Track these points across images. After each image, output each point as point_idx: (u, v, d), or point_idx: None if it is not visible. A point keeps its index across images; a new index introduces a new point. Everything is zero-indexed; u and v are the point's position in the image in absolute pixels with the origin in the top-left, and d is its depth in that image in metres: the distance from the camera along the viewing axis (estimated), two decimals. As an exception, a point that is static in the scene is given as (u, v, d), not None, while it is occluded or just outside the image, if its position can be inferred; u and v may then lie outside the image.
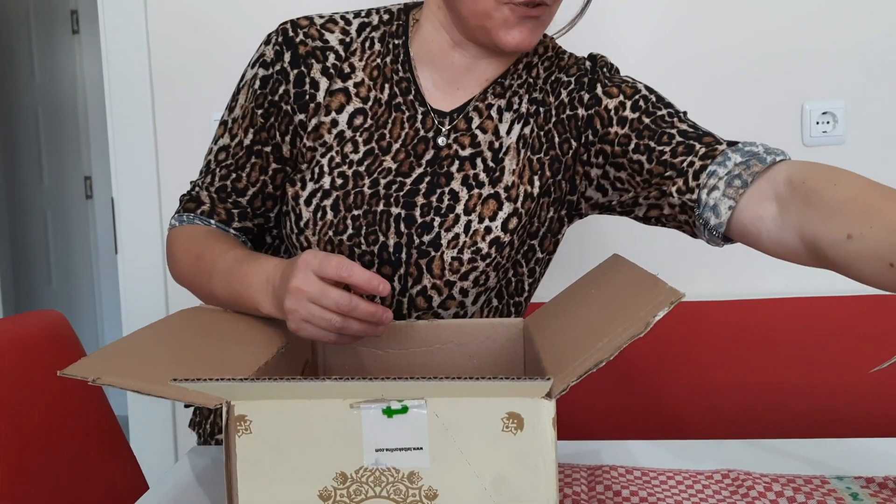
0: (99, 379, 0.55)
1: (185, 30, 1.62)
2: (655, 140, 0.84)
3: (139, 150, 1.64)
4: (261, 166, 0.90)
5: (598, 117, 0.89)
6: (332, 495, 0.53)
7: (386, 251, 0.86)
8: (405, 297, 0.87)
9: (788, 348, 1.39)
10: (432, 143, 0.88)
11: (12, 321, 0.95)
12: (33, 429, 0.88)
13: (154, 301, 1.66)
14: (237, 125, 0.90)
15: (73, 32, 3.40)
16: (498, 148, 0.89)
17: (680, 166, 0.81)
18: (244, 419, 0.53)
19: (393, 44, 0.90)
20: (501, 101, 0.90)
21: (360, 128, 0.87)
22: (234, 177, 0.91)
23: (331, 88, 0.88)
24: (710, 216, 0.78)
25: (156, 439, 1.70)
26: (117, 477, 0.99)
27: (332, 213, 0.86)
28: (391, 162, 0.87)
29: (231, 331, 0.78)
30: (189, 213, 0.92)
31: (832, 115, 1.52)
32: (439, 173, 0.87)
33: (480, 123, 0.89)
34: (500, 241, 0.86)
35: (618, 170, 0.88)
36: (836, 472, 0.77)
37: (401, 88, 0.89)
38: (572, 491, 0.74)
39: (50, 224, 3.55)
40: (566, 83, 0.92)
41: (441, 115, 0.89)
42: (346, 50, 0.89)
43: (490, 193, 0.87)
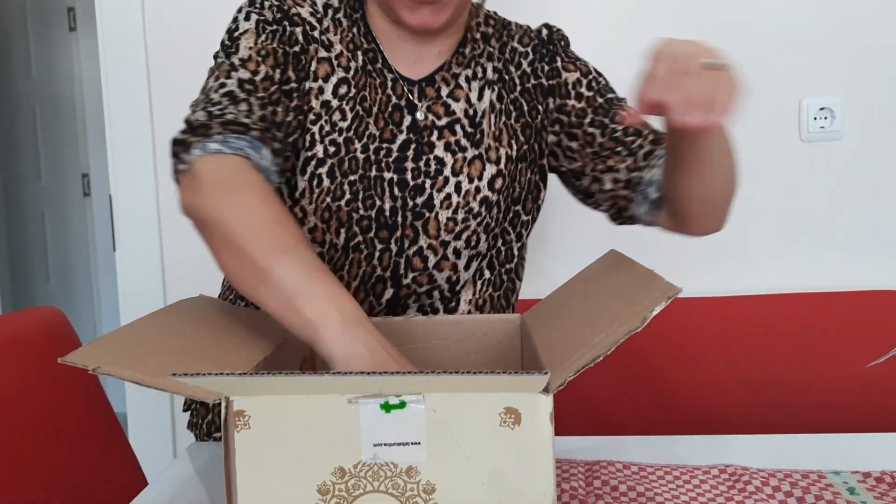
0: (99, 368, 0.55)
1: (182, 27, 1.62)
2: (609, 118, 0.93)
3: (137, 147, 1.64)
4: (288, 107, 0.85)
5: (558, 88, 0.96)
6: (331, 490, 0.54)
7: (383, 215, 0.88)
8: (402, 258, 0.90)
9: (785, 344, 1.40)
10: (406, 111, 0.91)
11: (11, 318, 0.95)
12: (32, 425, 0.88)
13: (152, 298, 1.66)
14: (255, 63, 0.83)
15: (71, 30, 3.39)
16: (473, 114, 0.93)
17: (630, 146, 0.91)
18: (243, 414, 0.54)
19: (354, 18, 0.93)
20: (467, 70, 0.94)
21: (345, 97, 0.89)
22: (271, 110, 0.82)
23: (317, 55, 0.89)
24: (650, 191, 0.90)
25: (155, 436, 1.70)
26: (116, 473, 0.99)
27: (329, 180, 0.87)
28: (374, 127, 0.89)
29: (230, 324, 0.78)
30: (235, 136, 0.76)
31: (830, 110, 1.52)
32: (422, 142, 0.90)
33: (451, 92, 0.93)
34: (488, 200, 0.91)
35: (570, 139, 0.95)
36: (833, 467, 0.77)
37: (369, 57, 0.92)
38: (570, 486, 0.74)
39: (48, 222, 3.54)
40: (524, 53, 0.97)
41: (410, 83, 0.92)
42: (320, 24, 0.91)
43: (474, 155, 0.91)
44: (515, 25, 1.00)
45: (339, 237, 0.89)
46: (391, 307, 0.92)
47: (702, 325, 1.42)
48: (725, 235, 1.56)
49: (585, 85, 0.96)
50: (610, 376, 1.40)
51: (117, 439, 1.01)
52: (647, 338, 1.38)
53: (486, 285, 0.96)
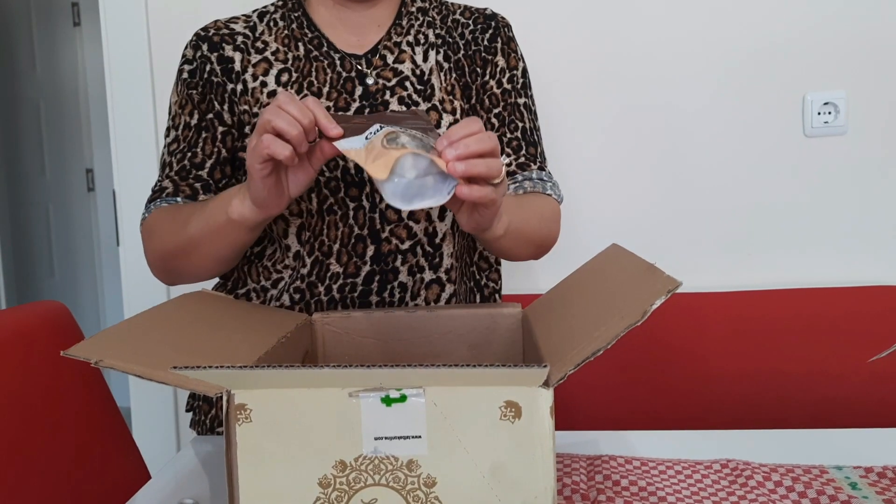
0: (101, 361, 0.55)
1: (185, 22, 1.62)
2: (506, 123, 1.01)
3: (141, 142, 1.64)
4: (211, 137, 0.96)
5: (489, 65, 1.01)
6: (332, 483, 0.54)
7: (348, 174, 0.92)
8: (376, 213, 0.93)
9: (787, 339, 1.39)
10: (358, 80, 0.95)
11: (15, 312, 0.95)
12: (36, 418, 0.89)
13: (155, 292, 1.66)
14: (178, 117, 0.97)
15: (75, 25, 3.40)
16: (420, 73, 0.97)
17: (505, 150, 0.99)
18: (244, 408, 0.54)
19: (294, 16, 0.99)
20: (408, 37, 0.99)
21: (288, 82, 0.95)
22: (190, 154, 0.96)
23: (251, 62, 0.96)
24: None
25: (158, 430, 1.71)
26: (120, 466, 0.99)
27: None
28: (326, 101, 0.94)
29: (232, 318, 0.78)
30: (155, 201, 0.96)
31: (834, 105, 1.51)
32: (376, 103, 0.94)
33: (397, 57, 0.98)
34: None
35: (473, 113, 1.00)
36: (835, 462, 0.77)
37: (314, 45, 0.97)
38: (571, 480, 0.74)
39: (52, 216, 3.55)
40: (465, 24, 1.02)
41: (356, 58, 0.97)
42: (254, 32, 0.98)
43: (429, 107, 0.95)
44: (454, 4, 1.05)
45: (312, 203, 0.92)
46: (376, 264, 0.93)
47: (704, 320, 1.42)
48: (729, 230, 1.57)
49: (508, 78, 1.01)
50: (612, 371, 1.40)
51: (120, 433, 1.02)
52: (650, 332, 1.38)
53: (462, 237, 1.00)
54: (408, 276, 0.94)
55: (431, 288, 0.95)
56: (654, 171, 1.57)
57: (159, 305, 0.72)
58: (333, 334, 0.83)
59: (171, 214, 0.93)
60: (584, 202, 1.58)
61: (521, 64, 1.03)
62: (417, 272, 0.95)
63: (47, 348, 0.93)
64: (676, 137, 1.57)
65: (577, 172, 1.58)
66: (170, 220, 0.92)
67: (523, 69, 1.04)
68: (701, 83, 1.55)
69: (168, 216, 0.93)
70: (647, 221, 1.58)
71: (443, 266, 0.96)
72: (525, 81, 1.04)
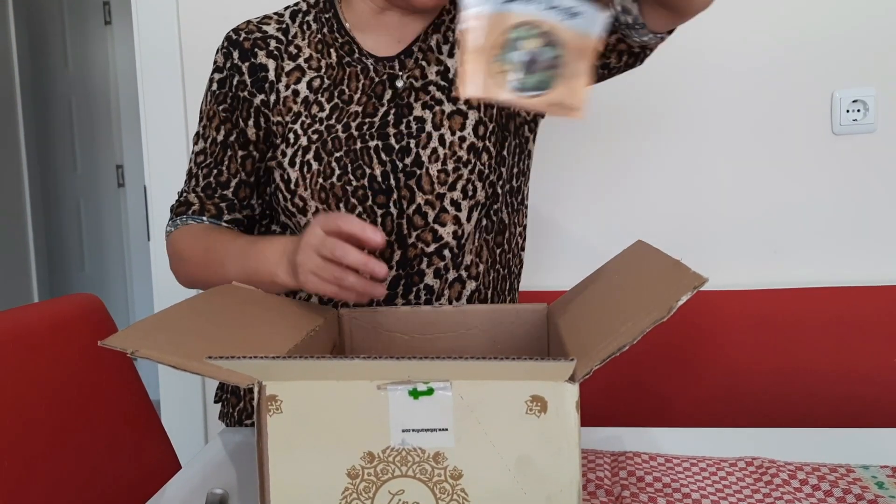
0: (137, 352, 0.56)
1: (215, 19, 1.64)
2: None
3: (171, 139, 1.67)
4: (236, 156, 0.98)
5: None
6: (360, 474, 0.55)
7: (375, 181, 0.91)
8: (403, 218, 0.92)
9: (815, 338, 1.38)
10: (389, 84, 0.95)
11: (51, 304, 0.98)
12: (72, 408, 0.91)
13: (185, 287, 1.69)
14: (207, 129, 0.98)
15: (106, 23, 3.45)
16: (445, 70, 0.96)
17: None
18: (275, 399, 0.55)
19: (325, 18, 0.98)
20: (437, 35, 0.98)
21: (319, 89, 0.95)
22: (216, 172, 0.98)
23: (284, 70, 0.95)
24: (626, 18, 0.86)
25: (186, 422, 1.73)
26: (151, 456, 1.01)
27: (317, 162, 0.91)
28: (356, 107, 0.94)
29: (265, 311, 0.79)
30: (181, 216, 0.99)
31: (863, 102, 1.49)
32: (401, 105, 0.94)
33: (424, 57, 0.97)
34: (475, 147, 0.93)
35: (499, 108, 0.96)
36: (862, 461, 0.77)
37: (345, 51, 0.96)
38: (596, 476, 0.75)
39: (83, 211, 3.61)
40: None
41: (389, 60, 0.96)
42: (286, 35, 0.97)
43: (452, 110, 0.94)
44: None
45: (341, 211, 0.92)
46: (402, 269, 0.93)
47: (731, 317, 1.42)
48: (757, 228, 1.56)
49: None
50: (636, 368, 1.40)
51: (152, 423, 1.04)
52: (676, 330, 1.38)
53: (483, 231, 0.98)
54: (434, 279, 0.94)
55: (454, 286, 0.96)
56: (682, 168, 1.57)
57: (190, 298, 0.73)
58: (361, 329, 0.84)
59: (202, 244, 0.94)
60: (611, 198, 1.58)
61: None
62: (443, 272, 0.95)
63: (82, 340, 0.96)
64: (704, 134, 1.56)
65: (604, 169, 1.58)
66: (202, 251, 0.94)
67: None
68: (730, 80, 1.53)
69: (198, 245, 0.95)
70: (674, 218, 1.58)
71: (464, 263, 0.96)
72: None
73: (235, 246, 0.91)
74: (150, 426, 1.03)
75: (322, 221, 0.78)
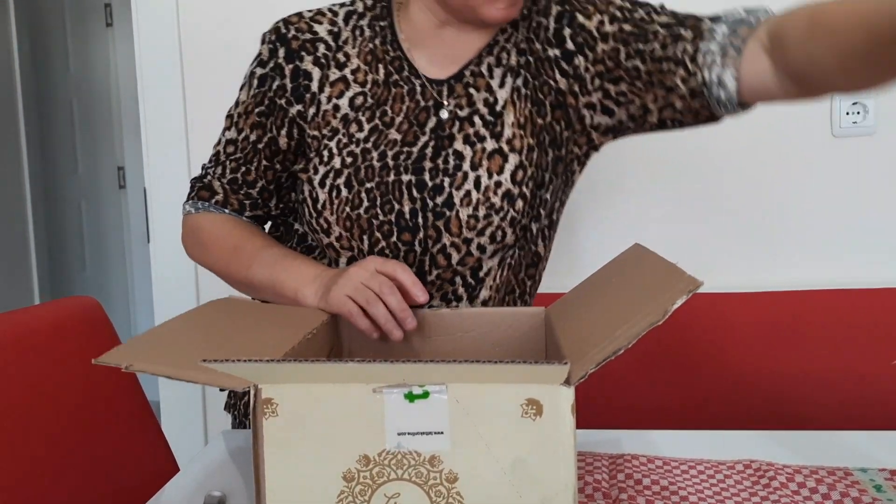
0: (131, 366, 0.57)
1: (215, 22, 1.64)
2: (643, 41, 0.85)
3: (171, 140, 1.67)
4: (264, 159, 0.96)
5: (584, 44, 0.90)
6: (356, 477, 0.55)
7: (403, 218, 0.89)
8: (426, 256, 0.90)
9: (813, 340, 1.38)
10: (433, 111, 0.91)
11: (49, 307, 0.98)
12: (69, 410, 0.91)
13: (185, 288, 1.69)
14: (242, 120, 0.95)
15: (107, 25, 3.45)
16: (493, 102, 0.91)
17: (676, 57, 0.83)
18: (271, 402, 0.55)
19: (379, 26, 0.94)
20: (490, 58, 0.93)
21: (361, 107, 0.91)
22: (244, 170, 0.96)
23: (329, 79, 0.91)
24: (719, 92, 0.80)
25: (186, 424, 1.73)
26: (149, 459, 1.01)
27: (346, 189, 0.89)
28: (396, 134, 0.90)
29: (259, 319, 0.80)
30: (204, 202, 0.98)
31: (862, 105, 1.49)
32: (442, 136, 0.90)
33: (474, 83, 0.92)
34: (510, 193, 0.89)
35: (616, 84, 0.89)
36: (860, 464, 0.77)
37: (395, 67, 0.92)
38: (593, 479, 0.75)
39: (84, 212, 3.62)
40: (546, 27, 0.92)
41: (438, 84, 0.92)
42: (336, 40, 0.93)
43: (494, 149, 0.89)
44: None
45: (364, 243, 0.90)
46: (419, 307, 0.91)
47: (729, 320, 1.42)
48: (756, 230, 1.55)
49: (608, 20, 0.89)
50: (635, 370, 1.40)
51: (150, 426, 1.04)
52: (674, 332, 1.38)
53: (508, 269, 0.96)
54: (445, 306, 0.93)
55: None
56: (681, 171, 1.56)
57: (186, 312, 0.74)
58: (358, 332, 0.84)
59: (231, 241, 0.95)
60: (608, 201, 1.58)
61: (613, 2, 0.90)
62: (454, 300, 0.93)
63: (80, 342, 0.96)
64: (703, 136, 1.55)
65: (602, 171, 1.57)
66: (229, 249, 0.94)
67: (618, 5, 0.90)
68: (728, 82, 1.53)
69: (226, 240, 0.95)
70: (673, 221, 1.58)
71: (480, 297, 0.94)
72: (626, 5, 0.89)
73: (268, 254, 0.91)
74: (149, 428, 1.04)
75: (380, 264, 0.82)
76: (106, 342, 1.00)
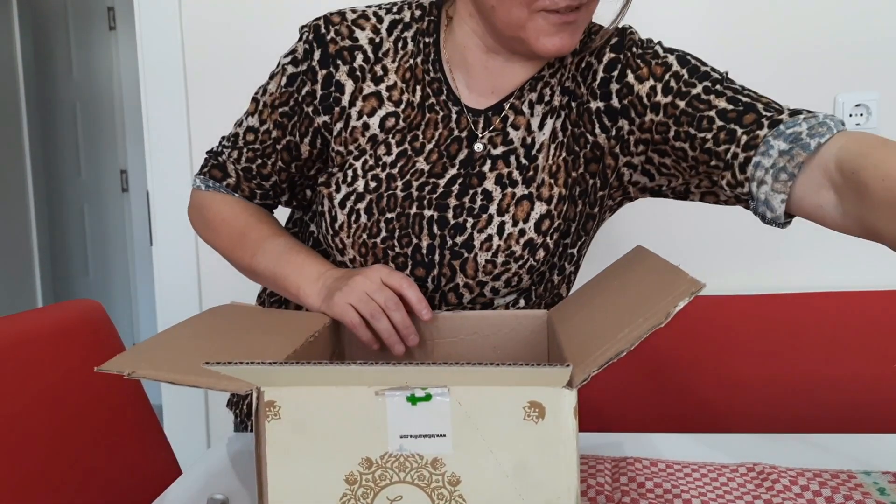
0: (134, 373, 0.57)
1: (218, 26, 1.64)
2: (695, 126, 0.79)
3: (174, 144, 1.67)
4: (280, 160, 0.94)
5: (632, 107, 0.85)
6: (358, 480, 0.55)
7: (419, 253, 0.86)
8: (437, 292, 0.88)
9: (816, 343, 1.38)
10: (466, 143, 0.87)
11: (52, 310, 0.98)
12: (72, 414, 0.91)
13: (188, 291, 1.69)
14: (266, 111, 0.92)
15: (110, 29, 3.46)
16: (531, 144, 0.87)
17: (725, 157, 0.77)
18: (273, 405, 0.55)
19: (424, 42, 0.89)
20: (533, 94, 0.88)
21: (392, 129, 0.87)
22: (260, 163, 0.95)
23: (362, 92, 0.87)
24: (764, 210, 0.75)
25: (188, 427, 1.73)
26: (152, 462, 1.01)
27: (366, 216, 0.86)
28: (424, 163, 0.87)
29: (262, 323, 0.80)
30: (215, 181, 0.97)
31: (866, 107, 1.49)
32: (472, 174, 0.86)
33: (514, 120, 0.87)
34: (533, 242, 0.85)
35: (661, 156, 0.86)
36: (864, 467, 0.77)
37: (433, 89, 0.88)
38: (596, 482, 0.75)
39: (87, 215, 3.63)
40: (595, 72, 0.87)
41: (476, 114, 0.88)
42: (377, 51, 0.88)
43: (524, 194, 0.85)
44: (598, 34, 0.88)
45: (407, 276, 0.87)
46: None
47: (731, 323, 1.41)
48: (757, 233, 1.55)
49: (661, 90, 0.83)
50: (637, 373, 1.40)
51: (153, 429, 1.04)
52: (677, 336, 1.38)
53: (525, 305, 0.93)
54: None
55: None
56: (683, 174, 1.56)
57: (188, 319, 0.74)
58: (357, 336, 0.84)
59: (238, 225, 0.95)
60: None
61: (668, 59, 0.84)
62: None
63: (83, 346, 0.96)
64: (705, 139, 1.56)
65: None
66: (237, 233, 0.94)
67: (678, 60, 0.84)
68: (730, 85, 1.53)
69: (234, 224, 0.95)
70: (674, 223, 1.58)
71: None
72: (684, 75, 0.83)
73: (274, 244, 0.91)
74: (151, 431, 1.04)
75: (386, 275, 0.82)
76: (109, 345, 1.00)
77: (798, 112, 0.75)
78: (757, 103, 0.77)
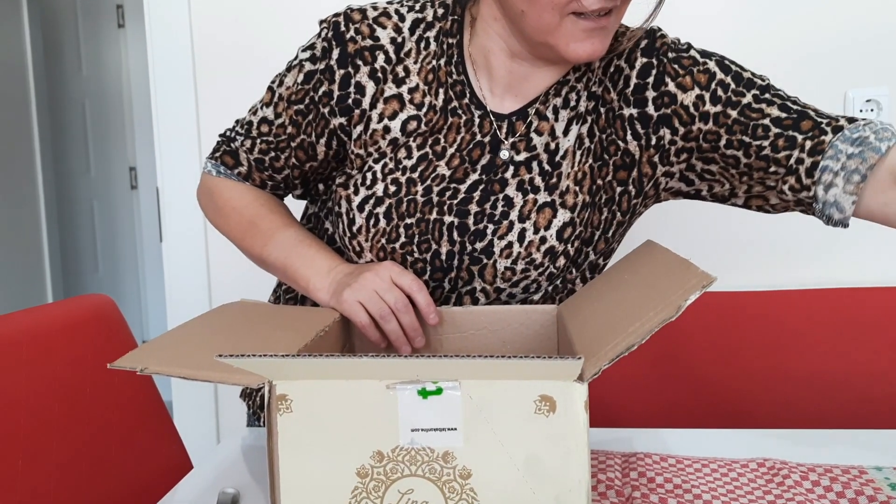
0: (146, 369, 0.57)
1: (227, 23, 1.65)
2: (749, 134, 0.79)
3: (183, 141, 1.68)
4: (294, 157, 0.93)
5: (675, 116, 0.83)
6: (370, 473, 0.55)
7: (438, 258, 0.85)
8: (454, 294, 0.88)
9: (826, 339, 1.37)
10: (489, 148, 0.85)
11: (64, 305, 0.98)
12: (84, 407, 0.92)
13: (197, 287, 1.70)
14: (281, 104, 0.90)
15: (119, 26, 3.47)
16: (554, 150, 0.85)
17: (787, 163, 0.77)
18: (285, 398, 0.55)
19: (448, 43, 0.86)
20: (558, 99, 0.86)
21: (413, 132, 0.85)
22: (273, 156, 0.93)
23: (384, 94, 0.85)
24: (832, 212, 0.76)
25: (199, 423, 1.74)
26: (163, 456, 1.02)
27: (385, 220, 0.85)
28: (445, 168, 0.85)
29: (272, 319, 0.80)
30: (227, 168, 0.96)
31: (876, 102, 1.48)
32: (494, 180, 0.85)
33: (537, 125, 0.86)
34: (554, 250, 0.84)
35: (707, 163, 0.84)
36: (875, 463, 0.76)
37: (455, 92, 0.86)
38: (606, 477, 0.75)
39: (97, 212, 3.64)
40: (627, 77, 0.85)
41: (500, 118, 0.86)
42: (398, 52, 0.85)
43: (546, 201, 0.84)
44: (627, 37, 0.86)
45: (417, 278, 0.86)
46: None
47: (742, 318, 1.41)
48: (768, 228, 1.55)
49: (709, 99, 0.81)
50: (647, 368, 1.40)
51: (164, 423, 1.04)
52: (687, 330, 1.37)
53: None
54: None
55: None
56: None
57: (198, 316, 0.75)
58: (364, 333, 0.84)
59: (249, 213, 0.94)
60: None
61: (710, 66, 0.83)
62: None
63: (95, 340, 0.96)
64: (714, 135, 1.55)
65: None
66: (246, 221, 0.93)
67: (721, 67, 0.83)
68: (740, 80, 1.53)
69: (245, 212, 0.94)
70: (684, 218, 1.57)
71: None
72: (731, 80, 0.82)
73: (285, 235, 0.91)
74: (162, 426, 1.04)
75: (396, 274, 0.81)
76: (121, 340, 1.00)
77: (853, 119, 0.78)
78: (808, 110, 0.80)
